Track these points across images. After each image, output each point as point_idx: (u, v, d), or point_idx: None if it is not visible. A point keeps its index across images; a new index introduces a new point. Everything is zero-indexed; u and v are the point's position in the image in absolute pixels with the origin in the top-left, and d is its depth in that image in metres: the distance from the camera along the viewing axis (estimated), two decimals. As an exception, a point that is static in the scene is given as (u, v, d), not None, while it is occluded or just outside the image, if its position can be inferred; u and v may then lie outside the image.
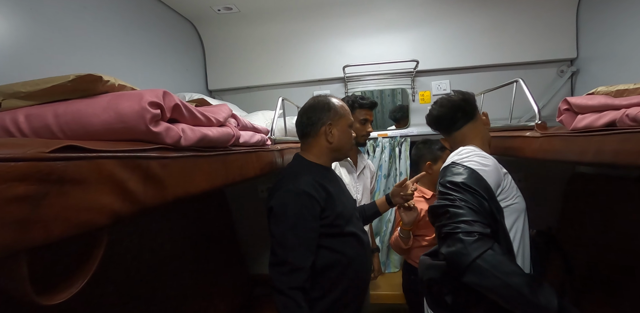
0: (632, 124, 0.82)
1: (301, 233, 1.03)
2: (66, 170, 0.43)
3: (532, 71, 2.17)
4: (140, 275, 1.40)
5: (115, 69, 1.57)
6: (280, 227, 1.04)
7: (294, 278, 1.00)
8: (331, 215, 1.09)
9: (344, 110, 1.21)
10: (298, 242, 1.02)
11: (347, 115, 1.21)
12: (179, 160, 0.69)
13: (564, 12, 2.08)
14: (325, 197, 1.09)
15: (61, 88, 0.57)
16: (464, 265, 0.78)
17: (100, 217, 0.50)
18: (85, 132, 0.59)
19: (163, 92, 0.63)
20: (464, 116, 1.15)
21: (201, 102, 0.97)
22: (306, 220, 1.04)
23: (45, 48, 1.21)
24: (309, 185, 1.07)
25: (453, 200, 0.88)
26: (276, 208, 1.06)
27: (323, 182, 1.12)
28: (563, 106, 1.10)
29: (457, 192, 0.90)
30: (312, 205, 1.05)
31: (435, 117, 1.19)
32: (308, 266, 1.02)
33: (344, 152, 1.23)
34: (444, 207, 0.88)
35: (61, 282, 0.53)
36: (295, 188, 1.06)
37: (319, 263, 1.08)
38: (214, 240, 2.05)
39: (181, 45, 2.21)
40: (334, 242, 1.11)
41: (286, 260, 1.01)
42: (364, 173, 1.79)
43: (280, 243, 1.03)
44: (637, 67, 1.64)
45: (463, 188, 0.90)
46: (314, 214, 1.05)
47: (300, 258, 1.02)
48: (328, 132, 1.16)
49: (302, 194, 1.05)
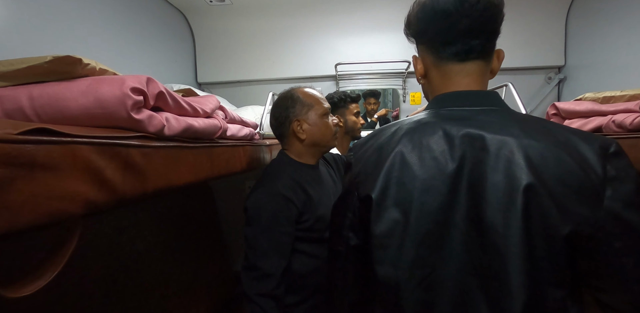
0: (618, 130, 0.84)
1: (274, 238, 0.98)
2: (36, 154, 0.40)
3: (521, 77, 2.21)
4: (120, 269, 1.36)
5: (100, 56, 1.51)
6: (252, 230, 0.99)
7: (263, 284, 0.96)
8: (310, 219, 1.03)
9: (312, 99, 1.11)
10: (270, 247, 0.97)
11: (317, 104, 1.10)
12: (162, 150, 0.67)
13: (554, 21, 2.12)
14: (305, 200, 1.03)
15: (37, 69, 0.54)
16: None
17: (73, 206, 0.47)
18: (62, 116, 0.55)
19: (147, 78, 0.60)
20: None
21: (188, 93, 0.94)
22: (280, 224, 0.99)
23: (25, 32, 1.16)
24: (286, 186, 1.01)
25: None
26: (250, 210, 1.01)
27: (304, 183, 1.06)
28: (551, 111, 1.12)
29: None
30: (288, 208, 1.00)
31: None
32: (279, 273, 0.97)
33: (324, 145, 1.14)
34: None
35: (29, 274, 0.50)
36: (270, 189, 1.01)
37: (298, 269, 1.03)
38: (198, 235, 2.01)
39: (171, 36, 2.16)
40: (312, 248, 1.05)
41: (256, 265, 0.96)
42: None
43: (251, 246, 0.98)
44: (623, 76, 1.68)
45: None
46: (289, 218, 1.00)
47: (271, 264, 0.97)
48: (298, 130, 1.09)
49: (278, 196, 0.99)
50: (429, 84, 0.68)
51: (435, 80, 0.66)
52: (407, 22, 0.68)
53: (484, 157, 0.53)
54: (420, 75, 0.69)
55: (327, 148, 1.17)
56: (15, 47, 1.12)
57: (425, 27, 0.64)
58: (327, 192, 1.15)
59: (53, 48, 1.26)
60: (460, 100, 0.62)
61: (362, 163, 0.64)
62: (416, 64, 0.69)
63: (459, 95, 0.62)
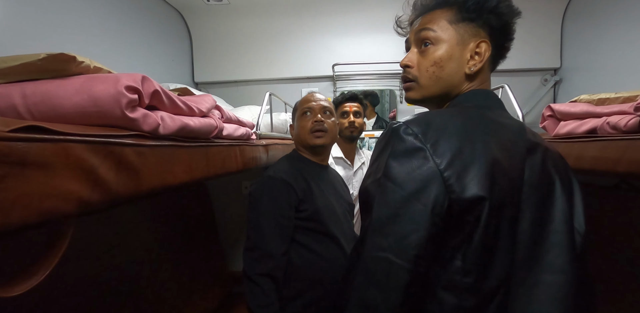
0: (612, 132, 0.84)
1: (274, 220, 1.02)
2: (28, 152, 0.40)
3: (517, 78, 2.22)
4: (115, 269, 1.35)
5: (96, 55, 1.50)
6: (254, 213, 1.04)
7: (263, 264, 0.99)
8: (309, 208, 1.07)
9: (300, 102, 1.19)
10: (270, 228, 1.01)
11: (300, 107, 1.18)
12: (157, 149, 0.66)
13: (550, 24, 2.14)
14: (305, 189, 1.07)
15: (31, 66, 0.54)
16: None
17: (65, 205, 0.47)
18: (55, 114, 0.55)
19: (142, 77, 0.60)
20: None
21: (184, 92, 0.94)
22: (281, 208, 1.03)
23: (20, 31, 1.15)
24: (287, 173, 1.07)
25: None
26: (253, 194, 1.06)
27: (306, 175, 1.11)
28: (547, 112, 1.12)
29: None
30: (289, 193, 1.04)
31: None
32: (280, 253, 1.01)
33: (304, 143, 1.16)
34: None
35: (20, 273, 0.50)
36: (273, 174, 1.07)
37: (295, 261, 1.05)
38: (194, 235, 2.00)
39: (168, 35, 2.15)
40: (310, 240, 1.07)
41: (257, 245, 1.01)
42: (362, 169, 1.78)
43: (253, 228, 1.03)
44: (617, 78, 1.69)
45: None
46: (289, 202, 1.04)
47: (271, 244, 1.01)
48: (291, 132, 1.23)
49: (279, 180, 1.05)
50: (474, 73, 0.61)
51: (484, 74, 0.63)
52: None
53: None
54: (481, 61, 0.60)
55: (307, 146, 1.17)
56: (9, 44, 1.11)
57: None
58: (330, 190, 1.18)
59: (48, 46, 1.25)
60: (491, 100, 0.64)
61: (450, 151, 0.49)
62: (485, 51, 0.60)
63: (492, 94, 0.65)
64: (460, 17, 0.60)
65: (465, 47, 0.60)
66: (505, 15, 0.60)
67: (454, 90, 0.63)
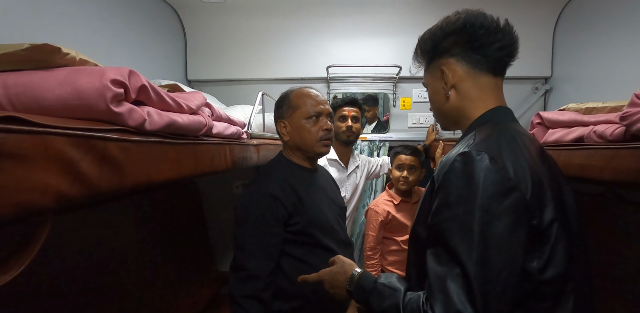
0: (598, 140, 0.85)
1: (261, 238, 0.97)
2: (4, 143, 0.39)
3: (508, 86, 2.21)
4: (99, 267, 1.32)
5: (87, 49, 1.47)
6: (240, 230, 0.98)
7: (249, 286, 0.94)
8: (301, 221, 1.01)
9: (300, 101, 1.07)
10: (257, 248, 0.96)
11: (303, 107, 1.06)
12: (143, 145, 0.65)
13: (542, 34, 2.18)
14: (295, 202, 1.01)
15: (13, 57, 0.52)
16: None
17: (43, 199, 0.45)
18: (38, 106, 0.53)
19: (129, 71, 0.59)
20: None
21: (174, 88, 0.93)
22: (268, 224, 0.98)
23: (10, 22, 1.13)
24: (275, 187, 1.00)
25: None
26: (238, 210, 1.00)
27: (296, 185, 1.04)
28: (536, 120, 1.13)
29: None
30: (277, 209, 0.98)
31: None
32: (265, 274, 0.96)
33: (307, 150, 1.08)
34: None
35: (-6, 268, 0.48)
36: (259, 189, 1.00)
37: (289, 274, 1.01)
38: (182, 234, 1.98)
39: (162, 31, 2.13)
40: (303, 253, 1.03)
41: (243, 266, 0.96)
42: (356, 172, 1.78)
43: (239, 246, 0.98)
44: (605, 88, 1.73)
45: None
46: (277, 218, 0.98)
47: (257, 265, 0.96)
48: (282, 131, 1.09)
49: (266, 196, 0.98)
50: (459, 94, 0.71)
51: (472, 91, 0.71)
52: (433, 35, 0.72)
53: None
54: (452, 85, 0.71)
55: (311, 153, 1.10)
56: (-3, 35, 1.08)
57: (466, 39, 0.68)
58: (321, 196, 1.12)
59: (38, 41, 1.22)
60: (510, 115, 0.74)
61: (527, 181, 0.56)
62: (447, 74, 0.71)
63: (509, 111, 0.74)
64: (425, 63, 0.77)
65: (439, 80, 0.73)
66: (448, 38, 0.70)
67: (460, 111, 0.73)
